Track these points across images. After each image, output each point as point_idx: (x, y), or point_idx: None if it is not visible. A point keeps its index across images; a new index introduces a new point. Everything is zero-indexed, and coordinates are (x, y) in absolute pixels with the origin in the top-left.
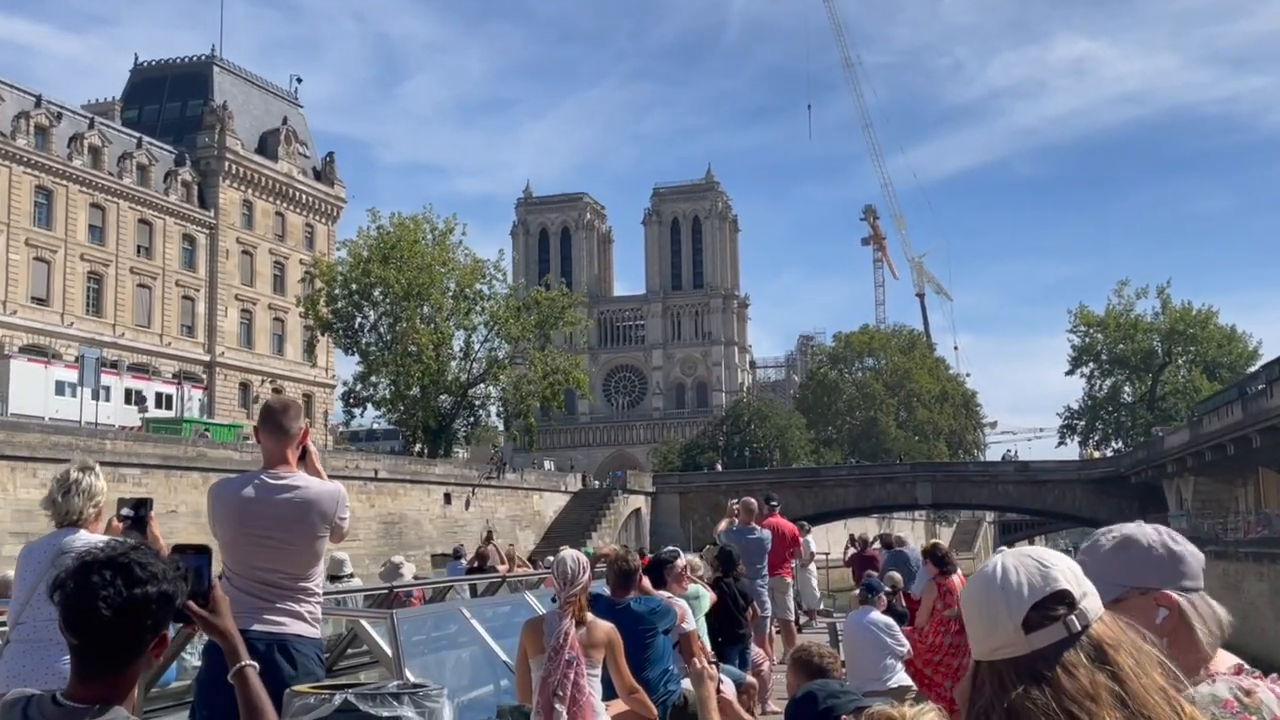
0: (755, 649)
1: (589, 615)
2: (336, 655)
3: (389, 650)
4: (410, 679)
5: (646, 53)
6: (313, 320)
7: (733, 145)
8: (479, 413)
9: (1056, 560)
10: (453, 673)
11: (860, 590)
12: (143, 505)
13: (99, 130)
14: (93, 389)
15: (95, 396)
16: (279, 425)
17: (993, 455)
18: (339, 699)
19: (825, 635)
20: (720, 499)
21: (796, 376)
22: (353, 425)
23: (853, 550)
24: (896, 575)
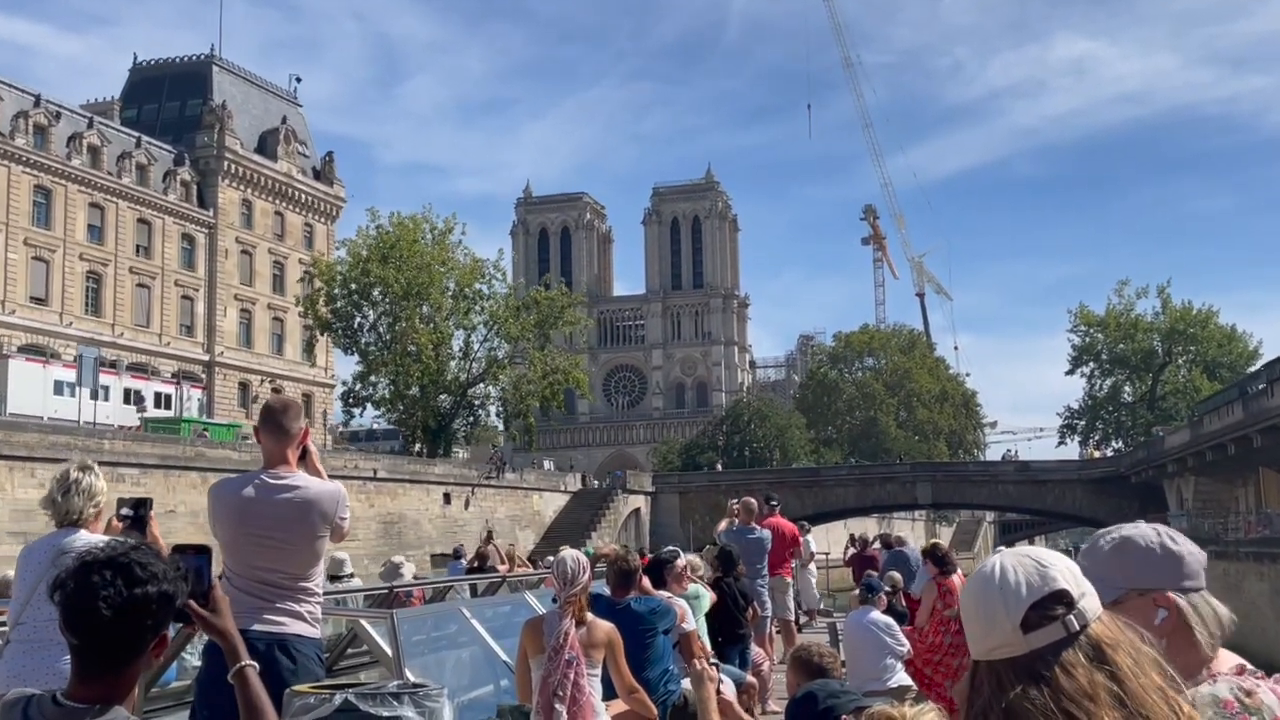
0: (755, 649)
1: (589, 615)
2: (336, 655)
3: (389, 650)
4: (410, 679)
5: (646, 53)
6: (312, 320)
7: (733, 145)
8: (478, 412)
9: (1054, 560)
10: (453, 673)
11: (860, 590)
12: (142, 505)
13: (98, 130)
14: (91, 389)
15: (94, 396)
16: (279, 425)
17: (993, 455)
18: (339, 699)
19: (825, 635)
20: (720, 499)
21: (796, 376)
22: (352, 425)
23: (853, 550)
24: (896, 575)
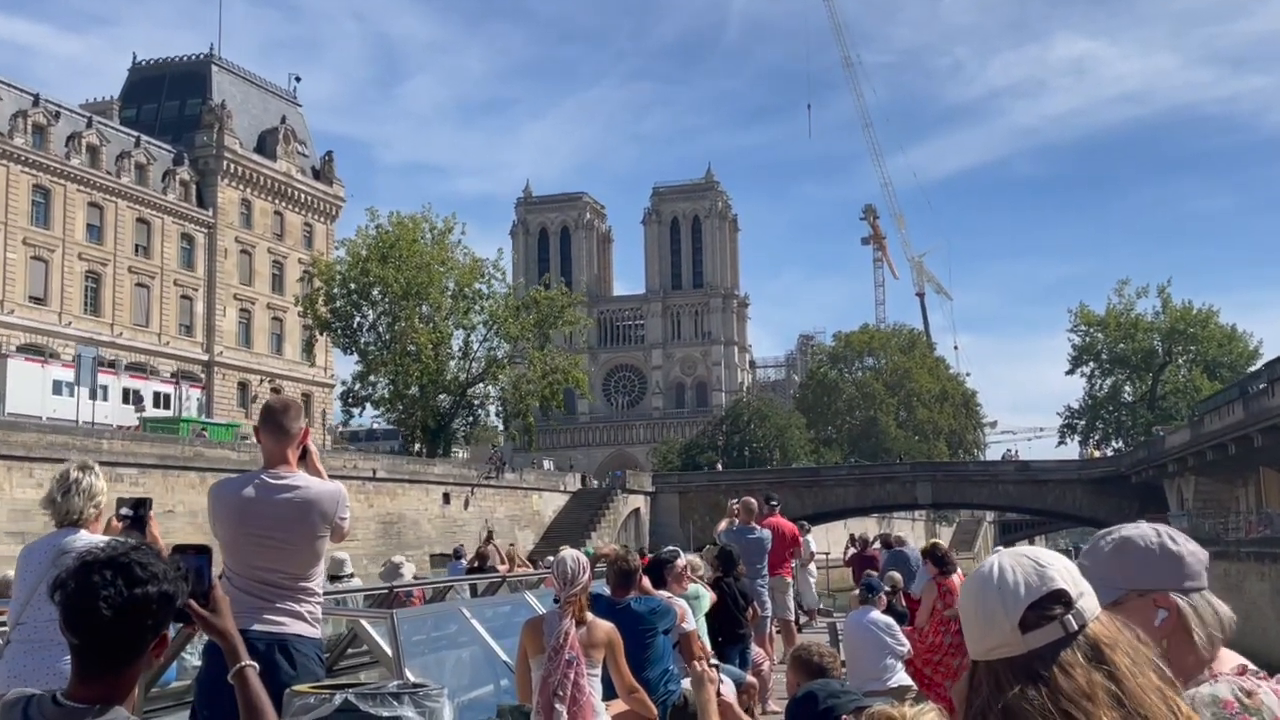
0: (755, 649)
1: (589, 615)
2: (336, 655)
3: (389, 650)
4: (410, 679)
5: (646, 53)
6: (311, 320)
7: (732, 145)
8: (478, 412)
9: (1053, 560)
10: (453, 673)
11: (860, 590)
12: (142, 505)
13: (97, 129)
14: (90, 388)
15: (93, 396)
16: (279, 425)
17: (993, 455)
18: (339, 699)
19: (825, 635)
20: (720, 499)
21: (796, 376)
22: (351, 425)
23: (853, 550)
24: (896, 575)
